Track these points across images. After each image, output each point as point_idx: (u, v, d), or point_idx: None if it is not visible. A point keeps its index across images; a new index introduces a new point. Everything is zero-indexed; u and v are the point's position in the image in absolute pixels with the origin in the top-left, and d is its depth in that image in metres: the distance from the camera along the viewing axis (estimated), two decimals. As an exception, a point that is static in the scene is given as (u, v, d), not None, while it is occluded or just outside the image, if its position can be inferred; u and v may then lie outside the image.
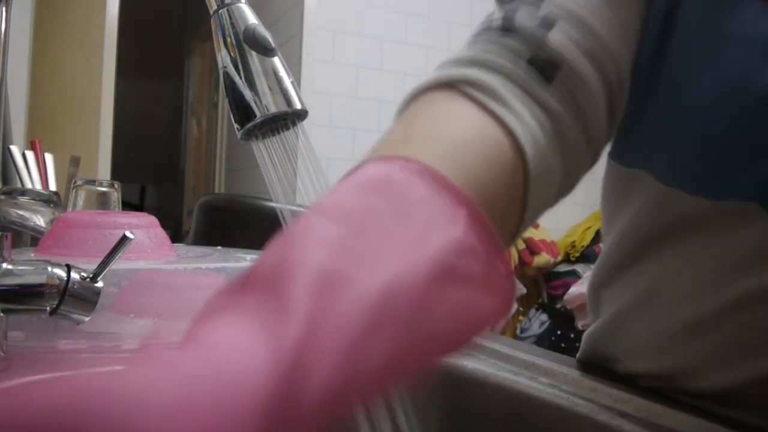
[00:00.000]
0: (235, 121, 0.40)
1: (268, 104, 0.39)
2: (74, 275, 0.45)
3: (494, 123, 0.33)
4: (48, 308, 0.44)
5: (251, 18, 0.41)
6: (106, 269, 0.46)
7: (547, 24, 0.35)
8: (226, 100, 0.40)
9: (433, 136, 0.32)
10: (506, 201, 0.33)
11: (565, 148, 0.36)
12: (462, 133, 0.32)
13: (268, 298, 0.22)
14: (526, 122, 0.33)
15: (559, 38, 0.35)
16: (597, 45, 0.36)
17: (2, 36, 0.46)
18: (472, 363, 0.56)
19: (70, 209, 0.77)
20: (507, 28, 0.36)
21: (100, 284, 0.46)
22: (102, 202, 0.78)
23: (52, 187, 0.99)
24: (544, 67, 0.35)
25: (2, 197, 0.85)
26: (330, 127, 2.55)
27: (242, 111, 0.39)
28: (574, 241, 2.70)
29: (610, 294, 0.52)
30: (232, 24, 0.40)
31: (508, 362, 0.55)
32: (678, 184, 0.39)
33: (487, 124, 0.32)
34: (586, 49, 0.36)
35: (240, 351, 0.20)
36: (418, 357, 0.23)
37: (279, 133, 0.41)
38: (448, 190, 0.26)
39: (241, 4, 0.41)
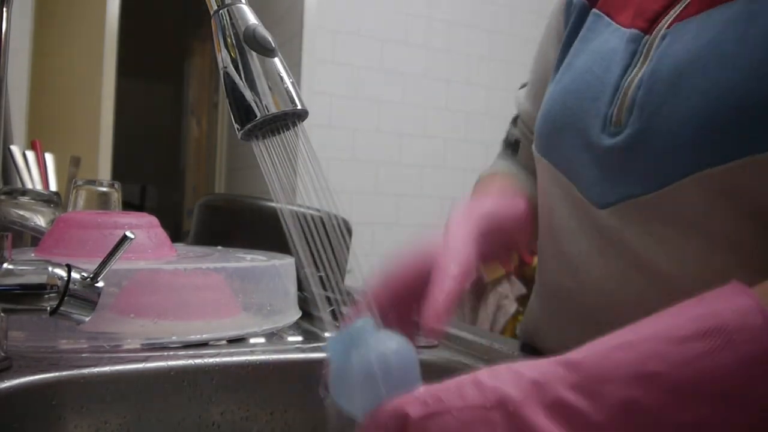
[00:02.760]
0: (236, 122, 0.40)
1: (268, 104, 0.39)
2: (75, 275, 0.45)
3: (514, 183, 0.63)
4: (48, 308, 0.44)
5: (251, 18, 0.41)
6: (107, 269, 0.46)
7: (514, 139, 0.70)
8: (226, 101, 0.40)
9: (499, 190, 0.60)
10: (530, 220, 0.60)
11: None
12: (507, 189, 0.60)
13: None
14: (525, 180, 0.64)
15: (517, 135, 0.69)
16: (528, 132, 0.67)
17: (2, 36, 0.46)
18: (471, 362, 0.56)
19: (70, 209, 0.77)
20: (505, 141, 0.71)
21: (100, 284, 0.46)
22: (102, 202, 0.78)
23: (53, 187, 0.99)
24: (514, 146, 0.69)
25: (3, 197, 0.85)
26: (330, 127, 2.55)
27: (242, 111, 0.39)
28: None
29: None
30: (232, 24, 0.40)
31: (507, 362, 0.55)
32: (537, 149, 0.56)
33: (514, 183, 0.63)
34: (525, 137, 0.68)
35: None
36: None
37: (279, 133, 0.41)
38: None
39: (241, 5, 0.41)
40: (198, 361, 0.52)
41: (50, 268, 0.44)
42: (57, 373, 0.47)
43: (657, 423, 0.28)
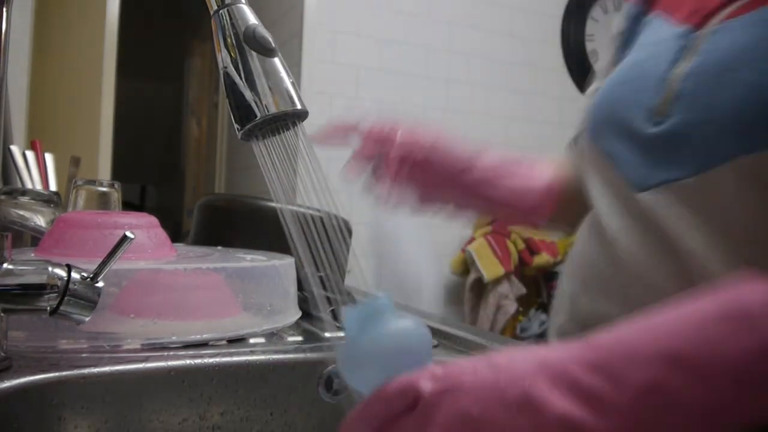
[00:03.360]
0: (236, 122, 0.40)
1: (268, 104, 0.39)
2: (75, 275, 0.45)
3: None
4: (48, 308, 0.44)
5: (251, 18, 0.41)
6: (107, 269, 0.46)
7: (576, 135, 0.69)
8: (226, 101, 0.40)
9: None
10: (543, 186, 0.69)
11: None
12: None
13: None
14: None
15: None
16: None
17: (2, 36, 0.46)
18: (472, 363, 0.56)
19: (70, 209, 0.78)
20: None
21: (100, 284, 0.46)
22: (102, 202, 0.78)
23: (53, 187, 0.99)
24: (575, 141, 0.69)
25: (3, 197, 0.85)
26: (330, 127, 2.55)
27: (242, 111, 0.39)
28: (573, 242, 2.69)
29: None
30: (232, 24, 0.40)
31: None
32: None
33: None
34: None
35: None
36: None
37: (279, 133, 0.41)
38: None
39: (241, 5, 0.41)
40: (198, 361, 0.52)
41: (50, 268, 0.44)
42: (57, 373, 0.47)
43: (680, 405, 0.28)
